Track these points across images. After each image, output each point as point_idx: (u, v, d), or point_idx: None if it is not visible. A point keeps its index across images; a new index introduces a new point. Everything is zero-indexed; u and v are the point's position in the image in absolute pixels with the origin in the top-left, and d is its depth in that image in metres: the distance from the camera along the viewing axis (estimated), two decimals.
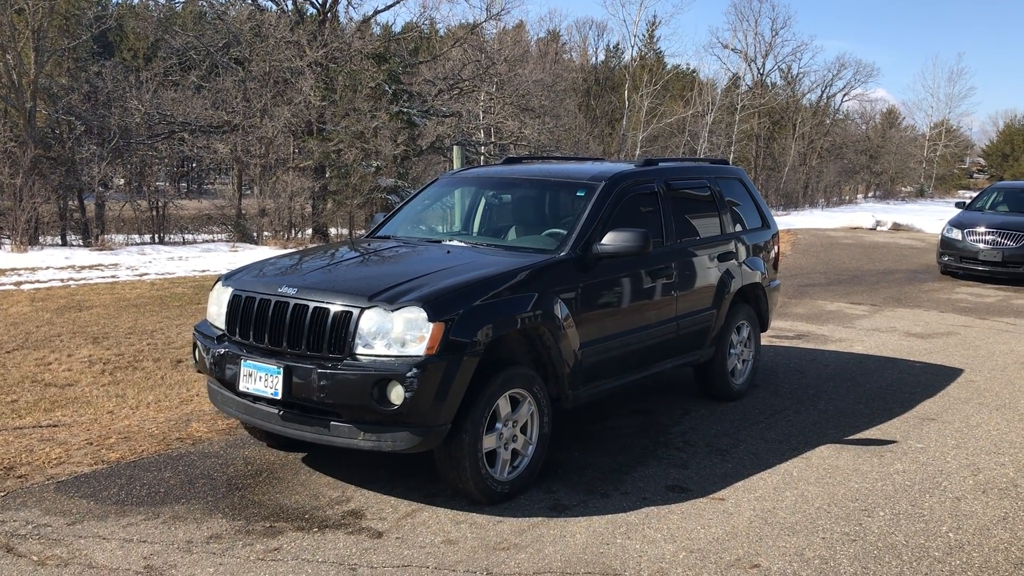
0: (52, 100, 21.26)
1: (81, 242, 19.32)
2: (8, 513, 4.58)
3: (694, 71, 50.27)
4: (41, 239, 18.71)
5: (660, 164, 6.84)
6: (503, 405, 4.90)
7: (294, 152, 22.90)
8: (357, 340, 4.57)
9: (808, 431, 6.30)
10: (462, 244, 5.96)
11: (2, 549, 4.17)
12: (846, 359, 8.72)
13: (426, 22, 33.86)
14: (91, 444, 5.64)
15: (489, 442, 4.83)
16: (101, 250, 17.25)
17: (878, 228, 28.12)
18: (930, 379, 7.93)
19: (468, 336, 4.61)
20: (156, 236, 20.59)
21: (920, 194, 60.04)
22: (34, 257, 15.76)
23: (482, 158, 29.58)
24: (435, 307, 4.57)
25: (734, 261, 7.11)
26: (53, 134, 21.00)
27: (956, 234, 15.39)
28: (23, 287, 12.28)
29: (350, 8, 33.37)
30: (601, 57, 54.05)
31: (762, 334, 7.86)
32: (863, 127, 60.05)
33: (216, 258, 16.68)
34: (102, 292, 11.89)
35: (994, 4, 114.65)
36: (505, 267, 5.21)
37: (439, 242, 6.08)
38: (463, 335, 4.59)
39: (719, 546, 4.39)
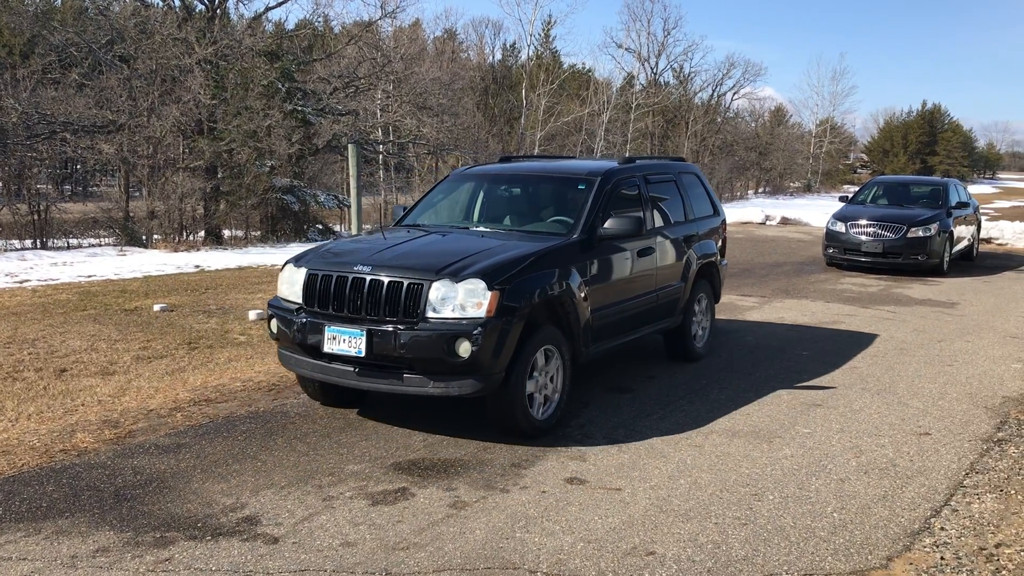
0: None
1: None
2: None
3: (590, 70, 50.84)
4: None
5: (638, 161, 8.01)
6: (539, 359, 5.94)
7: (184, 152, 22.20)
8: (428, 307, 5.55)
9: (701, 420, 6.47)
10: (485, 229, 7.00)
11: None
12: (737, 350, 8.99)
13: (320, 19, 33.27)
14: None
15: (529, 387, 5.86)
16: None
17: (767, 222, 29.01)
18: (816, 367, 8.25)
19: (517, 302, 5.64)
20: (38, 241, 19.63)
21: (808, 189, 62.19)
22: None
23: (380, 157, 29.32)
24: (491, 278, 5.59)
25: (696, 243, 8.37)
26: None
27: (840, 227, 16.02)
28: None
29: (240, 5, 32.61)
30: (498, 56, 54.21)
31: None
32: (753, 125, 61.85)
33: (103, 263, 16.05)
34: None
35: (873, 8, 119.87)
36: (533, 248, 6.21)
37: (466, 228, 7.12)
38: (513, 301, 5.62)
39: (616, 535, 4.46)
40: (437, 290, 5.55)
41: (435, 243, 6.58)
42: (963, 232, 16.95)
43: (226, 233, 22.67)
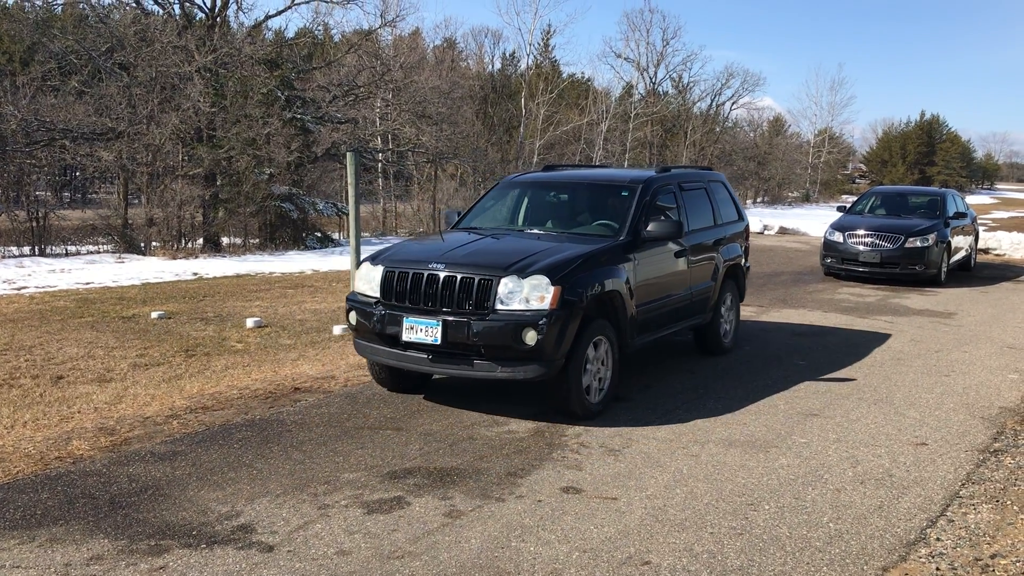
0: None
1: None
2: None
3: (589, 80, 50.94)
4: None
5: (673, 170, 8.67)
6: (592, 348, 6.57)
7: (183, 159, 22.23)
8: (497, 300, 6.20)
9: (697, 429, 6.46)
10: (540, 232, 7.60)
11: None
12: (734, 358, 8.99)
13: (319, 27, 33.30)
14: None
15: (584, 374, 6.48)
16: None
17: (766, 232, 29.02)
18: (813, 376, 8.24)
19: (576, 296, 6.30)
20: (36, 248, 19.64)
21: (806, 199, 62.26)
22: None
23: (379, 165, 29.34)
24: (554, 274, 6.26)
25: (724, 246, 9.04)
26: None
27: (838, 237, 16.03)
28: None
29: (240, 13, 32.48)
30: (498, 65, 54.05)
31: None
32: (751, 134, 61.97)
33: (102, 270, 16.05)
34: None
35: (872, 19, 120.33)
36: (586, 248, 6.86)
37: (521, 231, 7.74)
38: (572, 295, 6.27)
39: (611, 545, 4.45)
40: (505, 285, 6.21)
41: (497, 244, 7.21)
42: (961, 242, 16.96)
43: (224, 240, 22.68)
